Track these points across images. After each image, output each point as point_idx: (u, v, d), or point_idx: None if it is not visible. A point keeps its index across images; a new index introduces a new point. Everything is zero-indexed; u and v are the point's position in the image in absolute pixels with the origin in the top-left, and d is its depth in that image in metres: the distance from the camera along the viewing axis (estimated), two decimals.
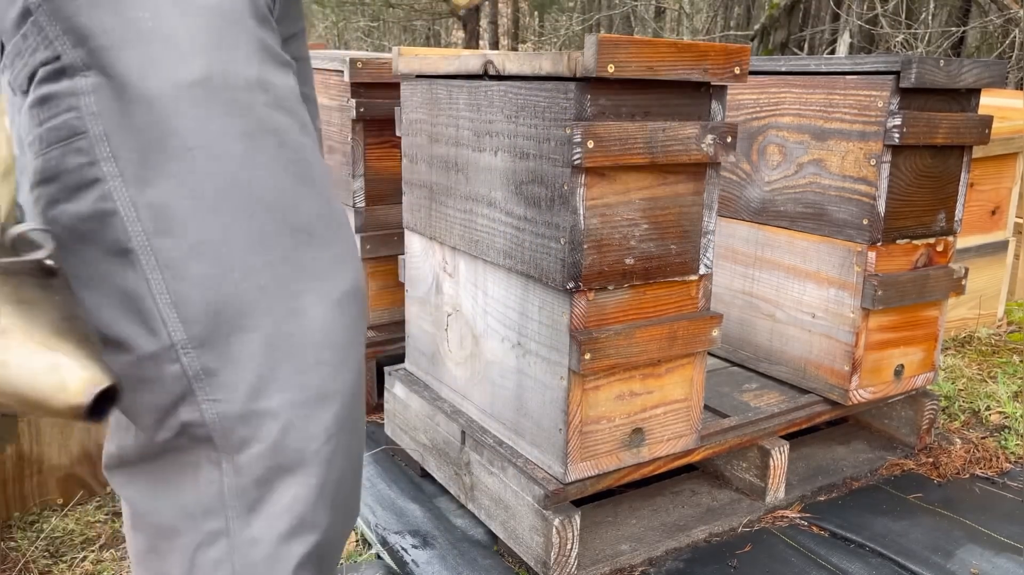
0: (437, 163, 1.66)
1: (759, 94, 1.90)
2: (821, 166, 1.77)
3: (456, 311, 1.68)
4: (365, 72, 1.98)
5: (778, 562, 1.54)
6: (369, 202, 2.08)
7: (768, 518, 1.68)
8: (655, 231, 1.40)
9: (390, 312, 2.19)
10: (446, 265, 1.69)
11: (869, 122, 1.67)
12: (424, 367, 1.85)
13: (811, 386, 1.86)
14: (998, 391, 2.30)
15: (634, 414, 1.46)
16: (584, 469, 1.43)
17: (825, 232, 1.79)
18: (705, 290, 1.49)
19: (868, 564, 1.54)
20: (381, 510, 1.72)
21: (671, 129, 1.34)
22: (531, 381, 1.46)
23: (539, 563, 1.44)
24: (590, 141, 1.25)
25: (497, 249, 1.50)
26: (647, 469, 1.53)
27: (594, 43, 1.21)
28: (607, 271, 1.36)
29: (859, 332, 1.75)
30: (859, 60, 1.70)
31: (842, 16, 6.66)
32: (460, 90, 1.55)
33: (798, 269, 1.86)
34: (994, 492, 1.81)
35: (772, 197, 1.89)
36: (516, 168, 1.41)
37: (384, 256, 2.12)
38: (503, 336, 1.52)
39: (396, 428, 1.93)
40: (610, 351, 1.36)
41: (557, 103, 1.30)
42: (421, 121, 1.70)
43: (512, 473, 1.49)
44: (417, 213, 1.76)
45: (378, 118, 2.02)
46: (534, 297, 1.43)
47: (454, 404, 1.73)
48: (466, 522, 1.68)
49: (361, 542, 1.61)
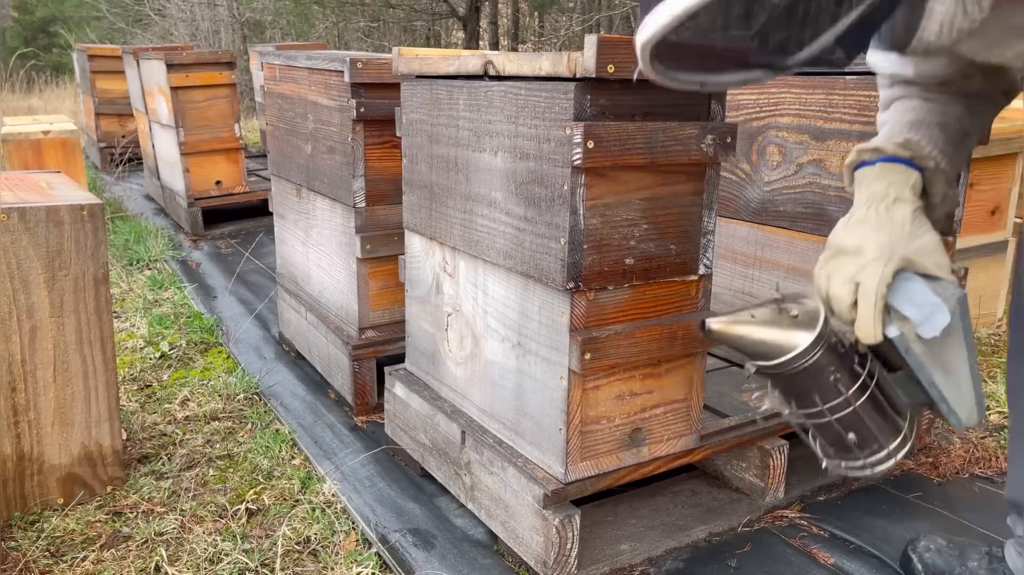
0: (437, 163, 1.66)
1: (759, 94, 1.90)
2: (821, 166, 1.77)
3: (456, 311, 1.68)
4: (365, 72, 1.98)
5: (778, 562, 1.54)
6: (369, 202, 2.08)
7: (768, 518, 1.68)
8: (655, 231, 1.40)
9: (390, 312, 2.20)
10: (446, 265, 1.69)
11: (869, 122, 1.67)
12: (424, 367, 1.85)
13: None
14: (998, 391, 2.30)
15: (634, 414, 1.47)
16: (584, 469, 1.43)
17: (825, 232, 1.78)
18: (705, 290, 1.50)
19: (868, 564, 1.54)
20: (381, 509, 1.72)
21: (671, 129, 1.34)
22: (531, 381, 1.46)
23: (539, 563, 1.44)
24: (590, 141, 1.25)
25: (497, 249, 1.50)
26: (647, 469, 1.53)
27: (594, 43, 1.21)
28: (607, 271, 1.36)
29: None
30: (859, 60, 1.70)
31: None
32: (460, 90, 1.55)
33: (798, 269, 1.86)
34: (993, 492, 1.81)
35: (772, 197, 1.90)
36: (516, 168, 1.41)
37: (384, 256, 2.12)
38: (503, 336, 1.53)
39: (396, 428, 1.93)
40: (610, 351, 1.36)
41: (557, 103, 1.30)
42: (421, 121, 1.70)
43: (512, 473, 1.49)
44: (417, 213, 1.76)
45: (378, 118, 2.02)
46: (534, 297, 1.43)
47: (454, 404, 1.73)
48: (466, 522, 1.68)
49: (361, 541, 1.61)
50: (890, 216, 1.14)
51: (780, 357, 1.15)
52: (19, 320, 1.62)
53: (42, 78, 12.82)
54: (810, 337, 1.13)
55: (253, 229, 4.41)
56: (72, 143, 3.47)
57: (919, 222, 1.14)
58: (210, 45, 11.53)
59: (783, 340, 1.16)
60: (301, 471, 1.88)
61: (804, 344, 1.14)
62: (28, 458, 1.69)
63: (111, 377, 1.74)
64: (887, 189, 1.16)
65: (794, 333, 1.15)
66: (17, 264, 1.60)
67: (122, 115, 6.10)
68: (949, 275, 1.12)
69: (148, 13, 12.34)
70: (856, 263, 1.12)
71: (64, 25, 15.19)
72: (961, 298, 1.11)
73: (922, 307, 1.09)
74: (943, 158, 1.19)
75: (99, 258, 1.67)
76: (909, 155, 1.18)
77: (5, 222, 1.58)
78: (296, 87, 2.31)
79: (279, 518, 1.69)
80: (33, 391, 1.66)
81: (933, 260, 1.11)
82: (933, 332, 1.08)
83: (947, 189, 1.20)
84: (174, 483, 1.83)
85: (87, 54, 6.06)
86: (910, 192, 1.16)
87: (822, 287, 1.15)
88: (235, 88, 4.20)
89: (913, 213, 1.14)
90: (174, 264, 3.76)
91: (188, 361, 2.59)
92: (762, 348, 1.18)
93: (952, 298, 1.09)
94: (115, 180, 5.85)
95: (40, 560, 1.54)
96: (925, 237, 1.13)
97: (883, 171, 1.18)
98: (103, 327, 1.71)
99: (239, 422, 2.16)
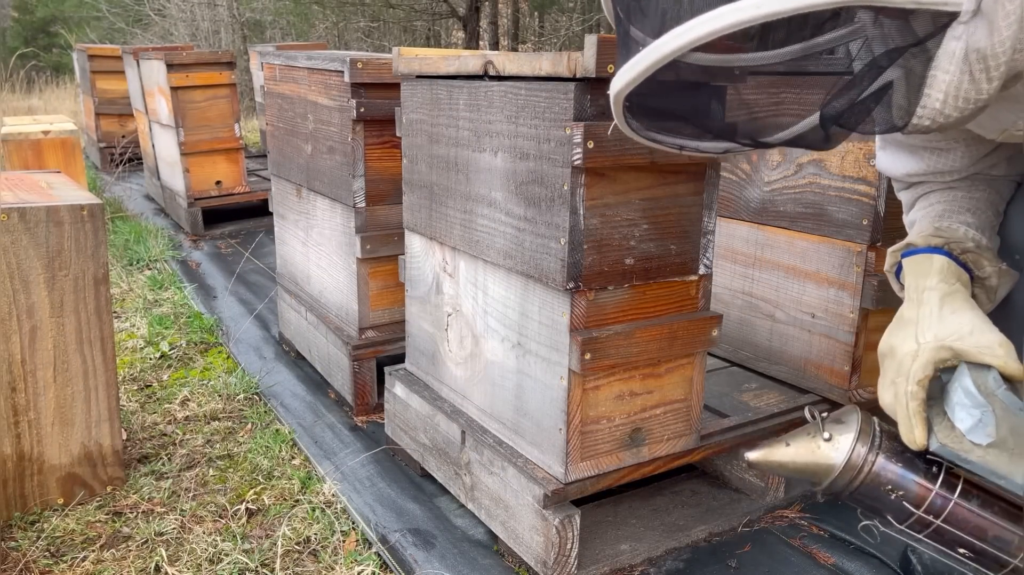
0: (437, 163, 1.66)
1: None
2: (821, 166, 1.77)
3: (456, 311, 1.68)
4: (365, 72, 1.98)
5: (778, 562, 1.54)
6: (369, 202, 2.08)
7: (768, 518, 1.68)
8: (655, 231, 1.40)
9: (390, 312, 2.20)
10: (446, 265, 1.69)
11: None
12: (424, 367, 1.85)
13: (811, 386, 1.86)
14: None
15: (634, 414, 1.47)
16: (584, 469, 1.43)
17: (825, 232, 1.79)
18: (705, 290, 1.50)
19: (868, 564, 1.54)
20: (381, 509, 1.72)
21: None
22: (531, 381, 1.46)
23: (539, 563, 1.44)
24: (590, 141, 1.25)
25: (497, 249, 1.50)
26: (647, 469, 1.53)
27: (594, 43, 1.21)
28: (607, 271, 1.36)
29: (859, 332, 1.75)
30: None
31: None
32: (460, 90, 1.55)
33: (798, 269, 1.86)
34: None
35: (772, 197, 1.90)
36: (516, 168, 1.41)
37: (384, 256, 2.12)
38: (503, 336, 1.53)
39: (396, 428, 1.93)
40: (610, 351, 1.36)
41: (557, 103, 1.30)
42: (421, 121, 1.70)
43: (512, 473, 1.49)
44: (417, 213, 1.76)
45: (378, 118, 2.02)
46: (534, 297, 1.43)
47: (454, 404, 1.73)
48: (466, 522, 1.68)
49: (361, 541, 1.61)
50: (919, 310, 1.07)
51: (823, 482, 1.09)
52: (19, 320, 1.62)
53: (42, 78, 12.83)
54: (841, 458, 1.07)
55: (253, 229, 4.41)
56: (72, 143, 3.47)
57: (951, 306, 1.05)
58: (210, 45, 11.53)
59: (819, 463, 1.09)
60: (301, 471, 1.88)
61: (837, 464, 1.07)
62: (28, 458, 1.69)
63: (111, 377, 1.74)
64: (916, 282, 1.10)
65: (830, 454, 1.08)
66: (17, 264, 1.60)
67: (122, 115, 6.10)
68: (998, 353, 1.00)
69: (148, 13, 12.34)
70: (893, 366, 1.05)
71: (64, 25, 15.19)
72: (1005, 394, 0.99)
73: (971, 411, 0.99)
74: (982, 235, 1.13)
75: (99, 258, 1.67)
76: (942, 243, 1.12)
77: (5, 222, 1.58)
78: (296, 87, 2.31)
79: (279, 518, 1.69)
80: (33, 391, 1.66)
81: (974, 343, 1.00)
82: (987, 439, 0.98)
83: (998, 265, 1.13)
84: (174, 483, 1.83)
85: (87, 54, 6.06)
86: (936, 278, 1.09)
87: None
88: (235, 88, 4.20)
89: (942, 299, 1.06)
90: (174, 264, 3.76)
91: (188, 361, 2.59)
92: (806, 474, 1.12)
93: (995, 395, 0.99)
94: (115, 180, 5.85)
95: (40, 560, 1.54)
96: (959, 318, 1.03)
97: (911, 265, 1.13)
98: (103, 327, 1.71)
99: (239, 422, 2.16)
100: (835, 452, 1.08)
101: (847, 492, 1.09)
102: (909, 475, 1.06)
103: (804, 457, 1.11)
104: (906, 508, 1.06)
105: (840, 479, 1.08)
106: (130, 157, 5.97)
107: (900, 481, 1.06)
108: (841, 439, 1.08)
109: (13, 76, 10.63)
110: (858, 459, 1.06)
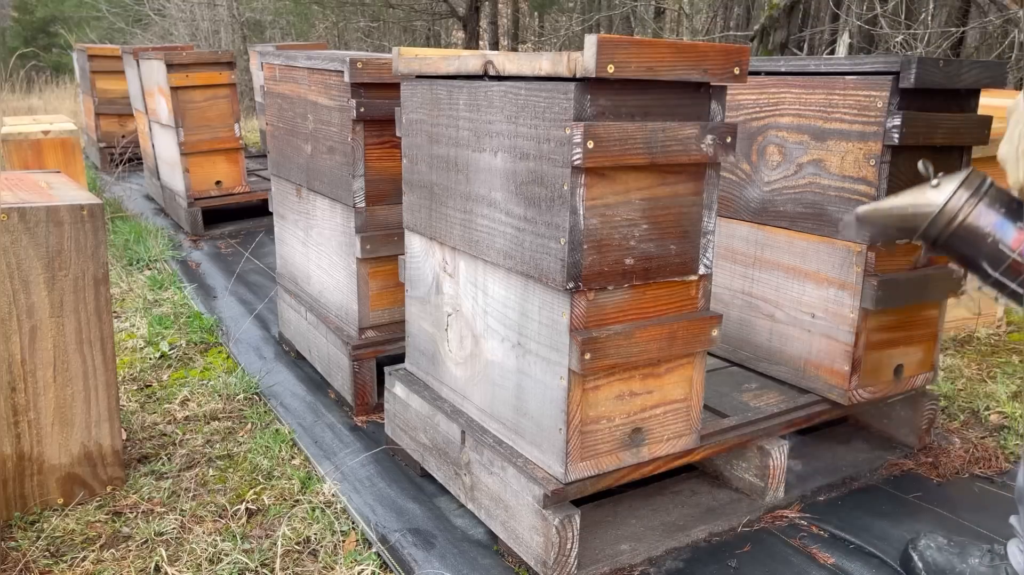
0: (437, 163, 1.66)
1: (759, 94, 1.90)
2: (821, 166, 1.77)
3: (456, 311, 1.68)
4: (365, 72, 1.98)
5: (778, 562, 1.54)
6: (369, 202, 2.08)
7: (768, 518, 1.68)
8: (655, 231, 1.40)
9: (390, 312, 2.20)
10: (446, 265, 1.69)
11: (868, 122, 1.67)
12: (424, 367, 1.85)
13: (810, 386, 1.86)
14: (997, 391, 2.30)
15: (634, 414, 1.47)
16: (584, 469, 1.43)
17: (825, 232, 1.79)
18: (705, 290, 1.50)
19: (868, 564, 1.54)
20: (381, 509, 1.72)
21: (671, 129, 1.34)
22: (531, 381, 1.46)
23: (539, 563, 1.44)
24: (590, 141, 1.25)
25: (497, 249, 1.50)
26: (647, 469, 1.53)
27: (594, 43, 1.21)
28: (607, 271, 1.36)
29: (858, 332, 1.75)
30: (858, 60, 1.70)
31: (842, 16, 6.66)
32: (460, 91, 1.55)
33: (798, 269, 1.86)
34: (993, 492, 1.81)
35: (772, 197, 1.90)
36: (516, 168, 1.42)
37: (384, 256, 2.12)
38: (503, 336, 1.53)
39: (396, 428, 1.93)
40: (610, 351, 1.36)
41: (557, 103, 1.30)
42: (421, 121, 1.70)
43: (512, 473, 1.49)
44: (417, 213, 1.76)
45: (378, 118, 2.02)
46: (534, 297, 1.43)
47: (454, 404, 1.73)
48: (466, 522, 1.68)
49: (361, 541, 1.61)
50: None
51: (922, 225, 1.13)
52: (19, 320, 1.62)
53: (42, 78, 12.82)
54: (946, 194, 1.11)
55: (253, 229, 4.41)
56: (72, 143, 3.47)
57: None
58: (210, 45, 11.53)
59: (922, 204, 1.14)
60: (301, 471, 1.88)
61: (938, 203, 1.11)
62: (28, 458, 1.69)
63: (111, 377, 1.74)
64: None
65: (933, 197, 1.13)
66: (17, 264, 1.60)
67: (122, 115, 6.10)
68: None
69: (148, 13, 12.34)
70: (1020, 125, 1.07)
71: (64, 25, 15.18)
72: None
73: None
74: None
75: (99, 258, 1.67)
76: None
77: (5, 222, 1.58)
78: (296, 87, 2.31)
79: (279, 518, 1.69)
80: (33, 391, 1.66)
81: None
82: None
83: None
84: (174, 483, 1.83)
85: (87, 54, 6.05)
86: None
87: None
88: (235, 88, 4.20)
89: None
90: (174, 264, 3.76)
91: (188, 361, 2.59)
92: (908, 220, 1.16)
93: None
94: (115, 180, 5.85)
95: (40, 560, 1.54)
96: None
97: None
98: (103, 327, 1.71)
99: (239, 422, 2.16)
100: (939, 194, 1.15)
101: (944, 235, 1.14)
102: (1008, 221, 1.12)
103: (909, 201, 1.18)
104: (1002, 252, 1.11)
105: (939, 219, 1.13)
106: (130, 157, 5.97)
107: (998, 225, 1.11)
108: (947, 184, 1.15)
109: (13, 76, 10.63)
110: (958, 201, 1.13)
